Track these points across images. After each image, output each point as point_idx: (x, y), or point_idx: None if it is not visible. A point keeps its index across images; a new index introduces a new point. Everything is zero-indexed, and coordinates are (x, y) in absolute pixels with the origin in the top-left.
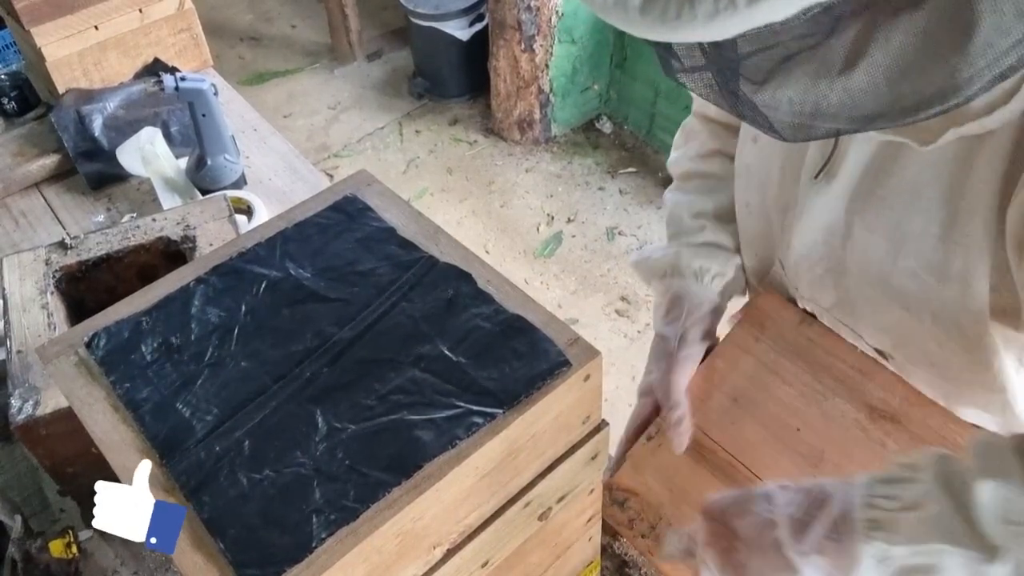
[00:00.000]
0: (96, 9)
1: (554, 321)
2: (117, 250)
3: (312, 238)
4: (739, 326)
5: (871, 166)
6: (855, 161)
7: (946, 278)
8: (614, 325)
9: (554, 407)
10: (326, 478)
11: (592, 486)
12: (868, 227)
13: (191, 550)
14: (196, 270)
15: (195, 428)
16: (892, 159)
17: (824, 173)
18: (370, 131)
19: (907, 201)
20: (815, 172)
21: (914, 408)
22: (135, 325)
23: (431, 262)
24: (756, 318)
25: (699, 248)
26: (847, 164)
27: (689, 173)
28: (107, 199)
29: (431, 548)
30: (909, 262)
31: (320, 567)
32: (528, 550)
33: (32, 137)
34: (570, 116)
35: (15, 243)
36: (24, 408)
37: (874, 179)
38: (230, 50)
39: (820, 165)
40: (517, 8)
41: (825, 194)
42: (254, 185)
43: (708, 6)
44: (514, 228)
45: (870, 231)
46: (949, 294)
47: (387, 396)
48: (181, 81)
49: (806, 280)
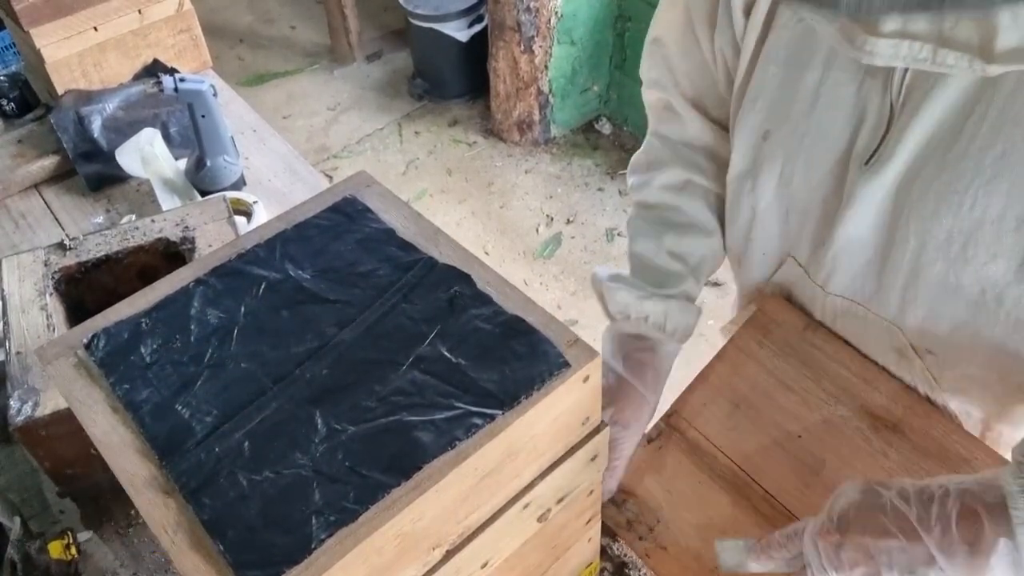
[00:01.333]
0: (95, 10)
1: (553, 322)
2: (116, 251)
3: (312, 239)
4: (743, 330)
5: (930, 150)
6: (913, 145)
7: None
8: None
9: (553, 408)
10: (326, 479)
11: (591, 487)
12: (930, 214)
13: (190, 551)
14: (195, 271)
15: (195, 429)
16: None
17: (875, 160)
18: (369, 132)
19: (979, 183)
20: (866, 158)
21: (917, 418)
22: (134, 326)
23: (431, 263)
24: (760, 323)
25: (671, 302)
26: (903, 150)
27: (660, 206)
28: (106, 200)
29: (431, 549)
30: (980, 251)
31: (320, 568)
32: (527, 551)
33: (31, 138)
34: (569, 117)
35: (14, 244)
36: (23, 409)
37: (938, 162)
38: (229, 51)
39: (872, 149)
40: (516, 9)
41: (877, 182)
42: (253, 186)
43: None
44: (513, 229)
45: (932, 218)
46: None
47: (387, 397)
48: (180, 82)
49: (845, 272)
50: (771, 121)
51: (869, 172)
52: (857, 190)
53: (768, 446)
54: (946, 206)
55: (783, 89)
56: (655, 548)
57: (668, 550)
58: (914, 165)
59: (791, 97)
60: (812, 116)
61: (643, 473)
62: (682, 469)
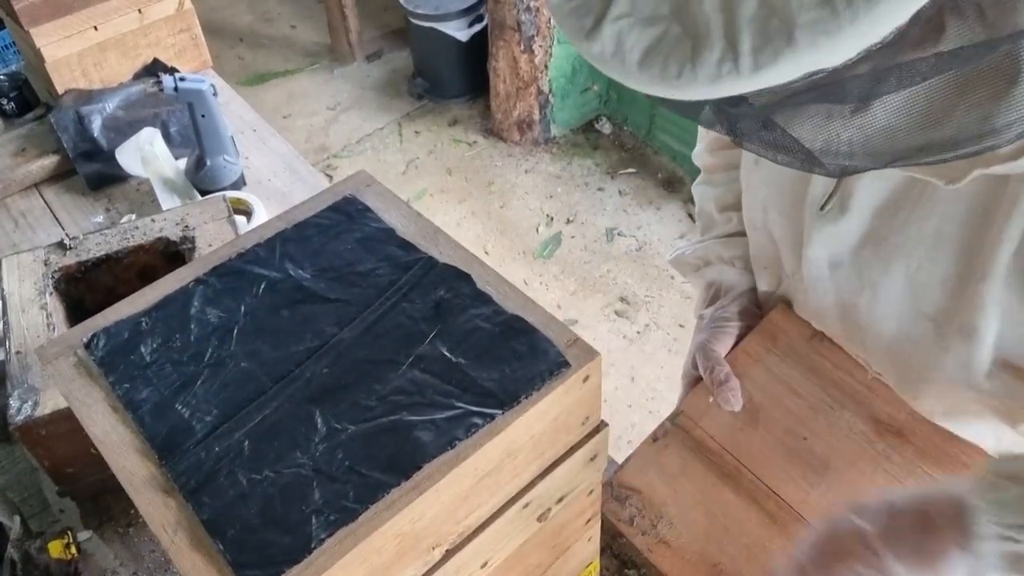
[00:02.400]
0: (95, 10)
1: (553, 322)
2: (116, 251)
3: (311, 239)
4: (752, 337)
5: (886, 208)
6: (868, 200)
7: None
8: (613, 326)
9: (553, 408)
10: (326, 479)
11: (591, 487)
12: (882, 271)
13: (190, 550)
14: (195, 271)
15: (195, 429)
16: (911, 202)
17: (832, 207)
18: (369, 132)
19: (925, 248)
20: (820, 204)
21: (920, 424)
22: (134, 326)
23: (430, 263)
24: (769, 331)
25: (727, 240)
26: (858, 202)
27: (711, 166)
28: (106, 200)
29: (430, 549)
30: (926, 308)
31: (319, 568)
32: (527, 551)
33: (31, 138)
34: (569, 117)
35: (14, 244)
36: (23, 409)
37: (889, 222)
38: (229, 51)
39: (824, 197)
40: (516, 9)
41: (833, 229)
42: (253, 186)
43: (711, 69)
44: (513, 229)
45: (883, 274)
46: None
47: (386, 397)
48: (180, 82)
49: (813, 307)
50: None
51: (827, 218)
52: (815, 233)
53: (773, 447)
54: (898, 266)
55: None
56: (658, 543)
57: (671, 545)
58: (876, 221)
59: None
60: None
61: (648, 469)
62: (687, 467)
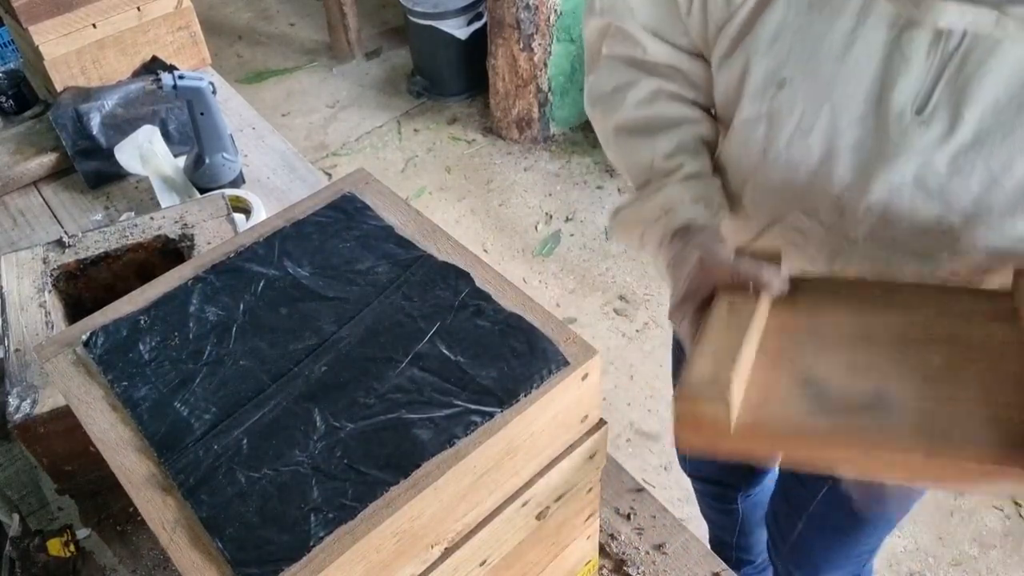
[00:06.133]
0: (94, 7)
1: (552, 320)
2: (115, 248)
3: (310, 237)
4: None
5: (1009, 105)
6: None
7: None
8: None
9: (552, 406)
10: (324, 477)
11: (590, 484)
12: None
13: (189, 548)
14: (194, 269)
15: (193, 426)
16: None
17: (931, 111)
18: (368, 130)
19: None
20: (914, 106)
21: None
22: (133, 324)
23: (429, 261)
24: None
25: (687, 182)
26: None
27: (638, 120)
28: (105, 198)
29: (429, 547)
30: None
31: (318, 566)
32: (526, 549)
33: (30, 135)
34: (569, 115)
35: (13, 242)
36: (22, 407)
37: (1010, 119)
38: (228, 48)
39: (920, 101)
40: (516, 7)
41: (934, 132)
42: (252, 184)
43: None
44: (512, 227)
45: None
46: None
47: (385, 395)
48: (179, 79)
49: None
50: (791, 68)
51: (924, 122)
52: (904, 141)
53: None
54: (1021, 158)
55: (806, 34)
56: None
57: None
58: (995, 122)
59: (817, 43)
60: (844, 63)
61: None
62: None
